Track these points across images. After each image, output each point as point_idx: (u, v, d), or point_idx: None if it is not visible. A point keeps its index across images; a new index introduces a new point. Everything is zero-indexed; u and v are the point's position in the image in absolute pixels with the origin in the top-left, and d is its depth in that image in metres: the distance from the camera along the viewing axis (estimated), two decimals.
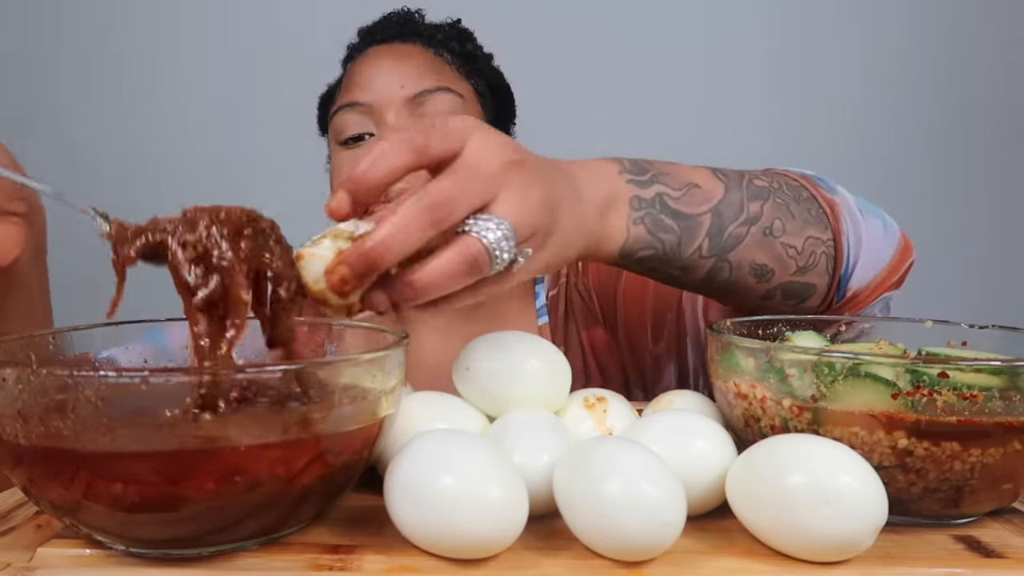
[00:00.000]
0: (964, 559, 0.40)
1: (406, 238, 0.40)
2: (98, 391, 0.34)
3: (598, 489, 0.37)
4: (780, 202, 0.59)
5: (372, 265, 0.40)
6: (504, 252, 0.42)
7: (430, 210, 0.40)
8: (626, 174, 0.54)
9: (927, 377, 0.41)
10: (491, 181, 0.43)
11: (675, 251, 0.55)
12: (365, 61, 0.84)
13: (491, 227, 0.42)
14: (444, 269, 0.41)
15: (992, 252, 1.74)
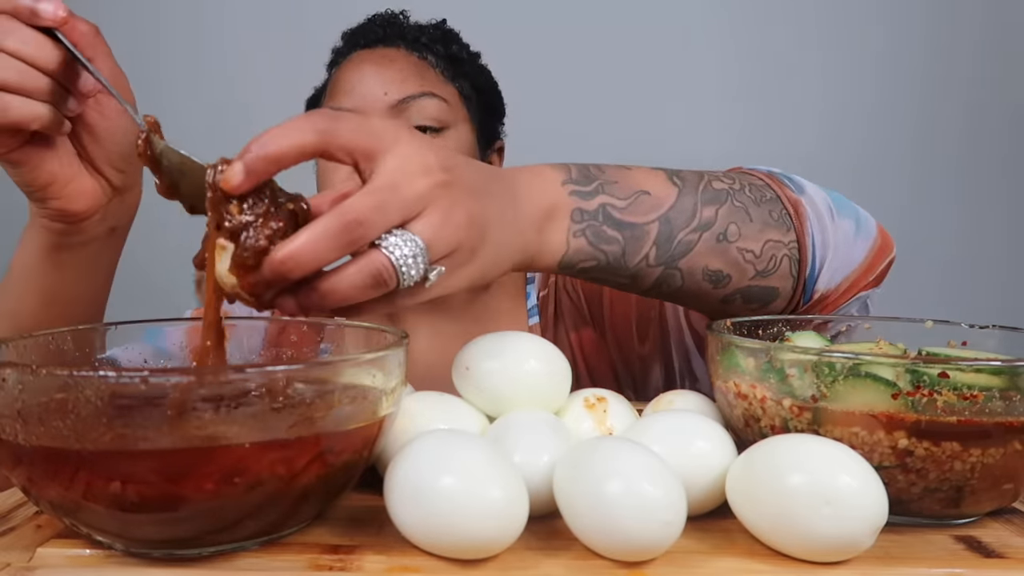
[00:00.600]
0: (964, 559, 0.40)
1: (317, 255, 0.40)
2: (98, 391, 0.34)
3: (598, 489, 0.37)
4: (738, 205, 0.58)
5: (281, 276, 0.40)
6: (412, 269, 0.42)
7: (345, 230, 0.40)
8: (570, 184, 0.53)
9: (927, 377, 0.41)
10: (412, 201, 0.42)
11: (619, 261, 0.55)
12: (349, 66, 0.84)
13: (400, 244, 0.42)
14: (349, 281, 0.41)
15: (996, 252, 1.74)
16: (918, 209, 1.67)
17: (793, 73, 1.70)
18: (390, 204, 0.41)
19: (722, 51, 1.69)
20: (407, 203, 0.42)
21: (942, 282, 1.67)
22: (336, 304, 0.42)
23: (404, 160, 0.43)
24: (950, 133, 1.72)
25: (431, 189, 0.43)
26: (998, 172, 1.74)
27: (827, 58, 1.69)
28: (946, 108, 1.71)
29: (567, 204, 0.53)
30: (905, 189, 1.68)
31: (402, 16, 0.90)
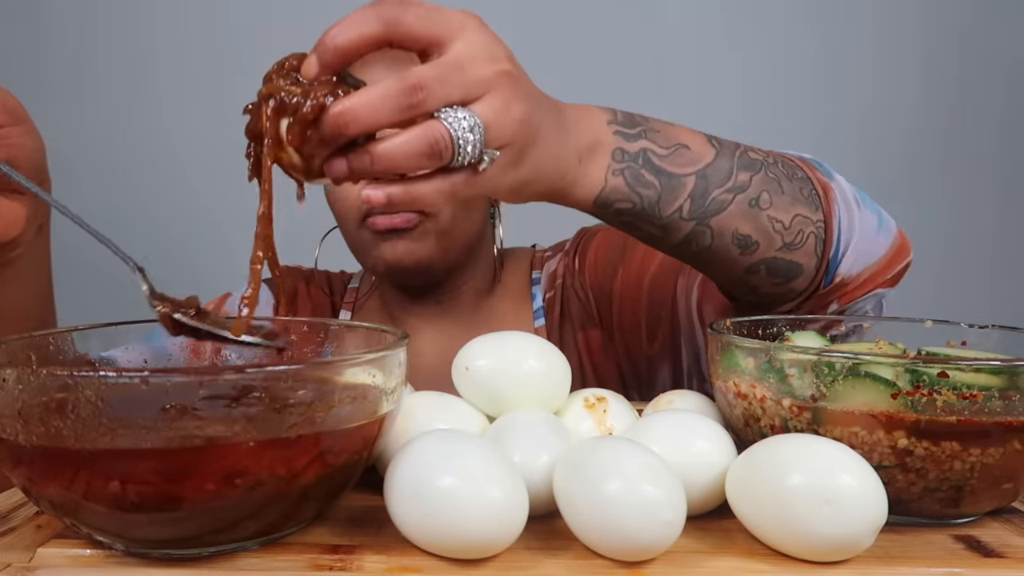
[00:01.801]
0: (964, 559, 0.40)
1: (374, 111, 0.40)
2: (98, 391, 0.34)
3: (598, 489, 0.37)
4: (771, 176, 0.58)
5: (337, 129, 0.40)
6: (469, 145, 0.42)
7: (405, 92, 0.41)
8: (615, 125, 0.54)
9: (927, 377, 0.41)
10: (475, 83, 0.43)
11: (654, 208, 0.55)
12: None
13: (460, 117, 0.42)
14: (405, 145, 0.41)
15: (992, 252, 1.74)
16: (918, 210, 1.67)
17: (791, 72, 1.70)
18: (453, 79, 0.42)
19: (726, 52, 1.69)
20: (470, 83, 0.42)
21: (943, 283, 1.67)
22: (386, 167, 0.42)
23: (471, 44, 0.43)
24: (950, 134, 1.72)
25: (495, 75, 0.43)
26: (998, 172, 1.74)
27: (828, 56, 1.69)
28: (946, 109, 1.71)
29: (610, 142, 0.53)
30: (904, 190, 1.68)
31: None
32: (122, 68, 1.67)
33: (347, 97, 0.40)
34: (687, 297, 0.78)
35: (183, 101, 1.67)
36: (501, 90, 0.43)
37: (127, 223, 1.66)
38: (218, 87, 1.66)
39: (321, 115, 0.40)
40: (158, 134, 1.68)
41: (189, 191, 1.68)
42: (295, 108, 0.41)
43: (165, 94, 1.67)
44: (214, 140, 1.67)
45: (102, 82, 1.68)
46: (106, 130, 1.67)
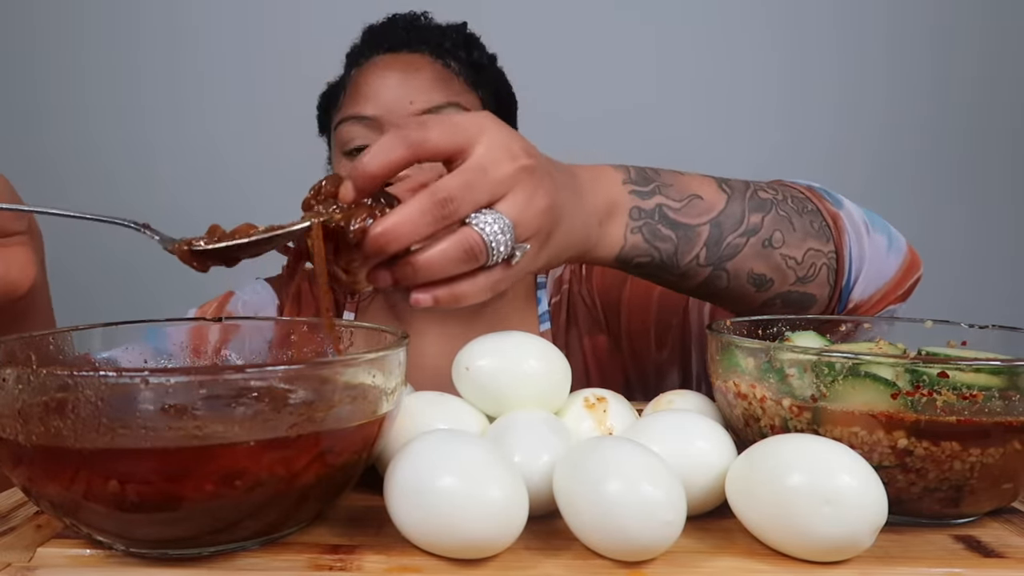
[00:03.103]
0: (964, 559, 0.40)
1: (412, 229, 0.44)
2: (98, 391, 0.34)
3: (598, 489, 0.37)
4: (782, 214, 0.60)
5: (379, 249, 0.44)
6: (501, 245, 0.46)
7: (437, 206, 0.44)
8: (630, 184, 0.56)
9: (927, 377, 0.41)
10: (499, 183, 0.46)
11: (672, 259, 0.57)
12: (372, 71, 0.83)
13: (490, 221, 0.45)
14: (444, 254, 0.45)
15: (993, 252, 1.74)
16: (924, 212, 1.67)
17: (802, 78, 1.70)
18: (478, 184, 0.45)
19: (732, 54, 1.69)
20: (494, 184, 0.46)
21: (944, 283, 1.68)
22: (427, 276, 0.45)
23: (490, 147, 0.46)
24: (957, 136, 1.72)
25: (516, 172, 0.47)
26: (1004, 174, 1.74)
27: (836, 63, 1.69)
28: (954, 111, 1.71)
29: (626, 202, 0.56)
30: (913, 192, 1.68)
31: (424, 18, 0.89)
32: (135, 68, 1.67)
33: (386, 218, 0.44)
34: (699, 306, 0.79)
35: (189, 101, 1.68)
36: (523, 186, 0.47)
37: None
38: (224, 87, 1.67)
39: (363, 238, 0.44)
40: (149, 138, 1.68)
41: (190, 191, 1.69)
42: (340, 233, 0.45)
43: (173, 95, 1.67)
44: (215, 142, 1.68)
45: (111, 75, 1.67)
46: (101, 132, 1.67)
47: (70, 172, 1.66)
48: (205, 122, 1.67)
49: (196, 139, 1.68)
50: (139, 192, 1.67)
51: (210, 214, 1.84)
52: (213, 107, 1.67)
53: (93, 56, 1.66)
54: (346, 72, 0.89)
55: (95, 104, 1.67)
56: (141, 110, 1.67)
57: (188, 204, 1.67)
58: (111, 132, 1.67)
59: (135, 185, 1.67)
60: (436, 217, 0.44)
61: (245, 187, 1.67)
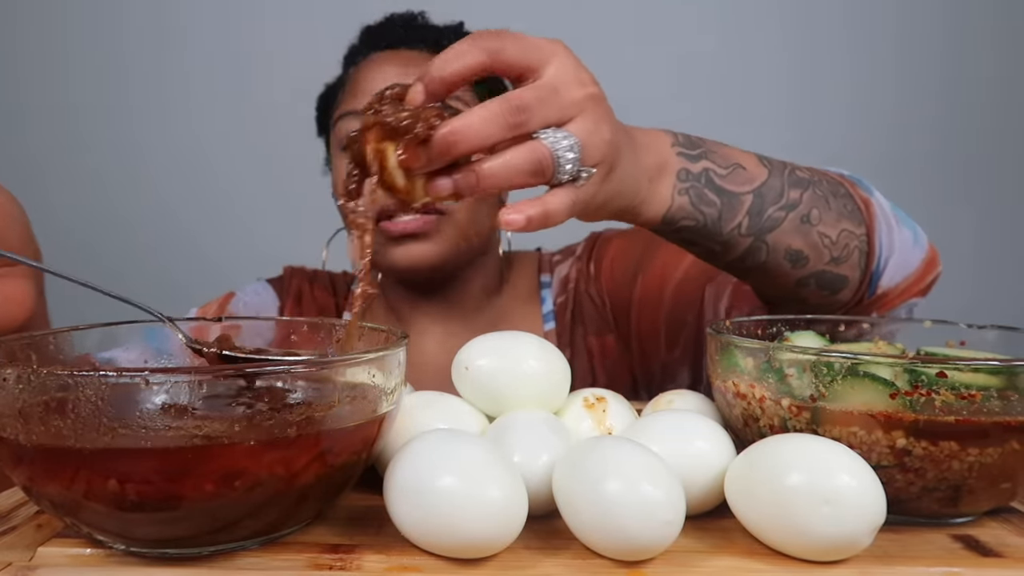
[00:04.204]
0: (962, 558, 0.40)
1: (480, 131, 0.43)
2: (98, 390, 0.34)
3: (598, 489, 0.37)
4: (819, 193, 0.61)
5: (447, 148, 0.43)
6: (568, 164, 0.45)
7: (510, 113, 0.44)
8: (678, 147, 0.57)
9: (925, 377, 0.41)
10: (569, 105, 0.46)
11: (715, 225, 0.58)
12: (370, 67, 0.83)
13: (560, 138, 0.45)
14: (509, 164, 0.44)
15: (993, 251, 1.74)
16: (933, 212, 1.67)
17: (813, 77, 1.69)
18: (551, 101, 0.45)
19: (742, 54, 1.69)
20: (565, 105, 0.46)
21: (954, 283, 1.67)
22: (491, 185, 0.45)
23: (563, 69, 0.46)
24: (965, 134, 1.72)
25: (585, 98, 0.47)
26: (1015, 175, 1.74)
27: (847, 63, 1.69)
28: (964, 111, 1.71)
29: (675, 163, 0.56)
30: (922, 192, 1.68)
31: (421, 17, 0.90)
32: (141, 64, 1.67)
33: (456, 118, 0.43)
34: (715, 304, 0.79)
35: (176, 100, 1.67)
36: (591, 112, 0.47)
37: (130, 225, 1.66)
38: (212, 87, 1.66)
39: (430, 134, 0.43)
40: (136, 138, 1.68)
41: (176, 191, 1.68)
42: (407, 130, 0.43)
43: (183, 94, 1.67)
44: (201, 142, 1.67)
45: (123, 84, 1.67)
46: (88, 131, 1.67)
47: (56, 172, 1.66)
48: (192, 122, 1.67)
49: (183, 139, 1.67)
50: (126, 192, 1.67)
51: (197, 214, 1.82)
52: (200, 107, 1.67)
53: (79, 54, 1.65)
54: (344, 71, 0.90)
55: (81, 103, 1.66)
56: (128, 109, 1.66)
57: (175, 204, 1.67)
58: (98, 131, 1.67)
59: (122, 184, 1.67)
60: (508, 124, 0.44)
61: (231, 188, 1.67)
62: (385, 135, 0.44)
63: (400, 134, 0.43)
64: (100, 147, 1.67)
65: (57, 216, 1.61)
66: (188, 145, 1.68)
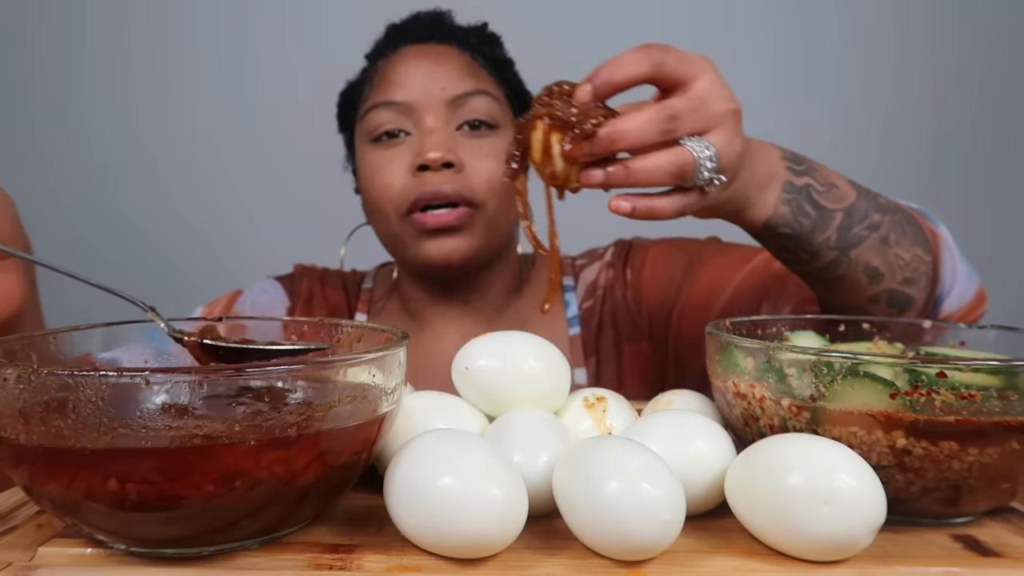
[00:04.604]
0: (962, 558, 0.40)
1: (638, 134, 0.49)
2: (98, 390, 0.34)
3: (598, 489, 0.37)
4: (896, 219, 0.66)
5: (608, 144, 0.49)
6: (705, 171, 0.52)
7: (665, 120, 0.50)
8: (786, 161, 0.62)
9: (925, 377, 0.41)
10: (713, 117, 0.52)
11: (808, 236, 0.63)
12: (401, 60, 0.84)
13: (702, 147, 0.51)
14: (657, 164, 0.51)
15: (991, 251, 1.74)
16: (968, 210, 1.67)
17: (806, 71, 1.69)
18: (699, 112, 0.51)
19: (734, 51, 1.69)
20: (709, 116, 0.52)
21: None
22: (637, 181, 0.51)
23: (712, 84, 0.52)
24: (964, 134, 1.72)
25: (727, 113, 0.53)
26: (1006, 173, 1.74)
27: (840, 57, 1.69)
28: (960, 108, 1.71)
29: (782, 175, 0.62)
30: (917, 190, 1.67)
31: (447, 15, 0.90)
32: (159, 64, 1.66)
33: (618, 120, 0.49)
34: (775, 311, 0.79)
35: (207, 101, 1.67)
36: (729, 125, 0.53)
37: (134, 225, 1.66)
38: (241, 89, 1.66)
39: (595, 132, 0.49)
40: (144, 136, 1.68)
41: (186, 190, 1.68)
42: (575, 125, 0.49)
43: (194, 92, 1.66)
44: (211, 140, 1.67)
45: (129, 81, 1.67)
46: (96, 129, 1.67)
47: (63, 171, 1.66)
48: (201, 119, 1.66)
49: (194, 137, 1.67)
50: (134, 191, 1.67)
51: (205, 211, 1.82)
52: (211, 104, 1.66)
53: (88, 52, 1.65)
54: (371, 65, 0.89)
55: (89, 101, 1.66)
56: (135, 107, 1.66)
57: (183, 201, 1.67)
58: (106, 130, 1.67)
59: (131, 183, 1.67)
60: (661, 130, 0.50)
61: (241, 185, 1.67)
62: (554, 127, 0.50)
63: (568, 127, 0.49)
64: (108, 144, 1.67)
65: (65, 213, 1.62)
66: (199, 143, 1.67)
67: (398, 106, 0.81)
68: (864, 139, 1.68)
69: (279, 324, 0.54)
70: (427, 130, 0.80)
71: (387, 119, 0.81)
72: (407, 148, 0.81)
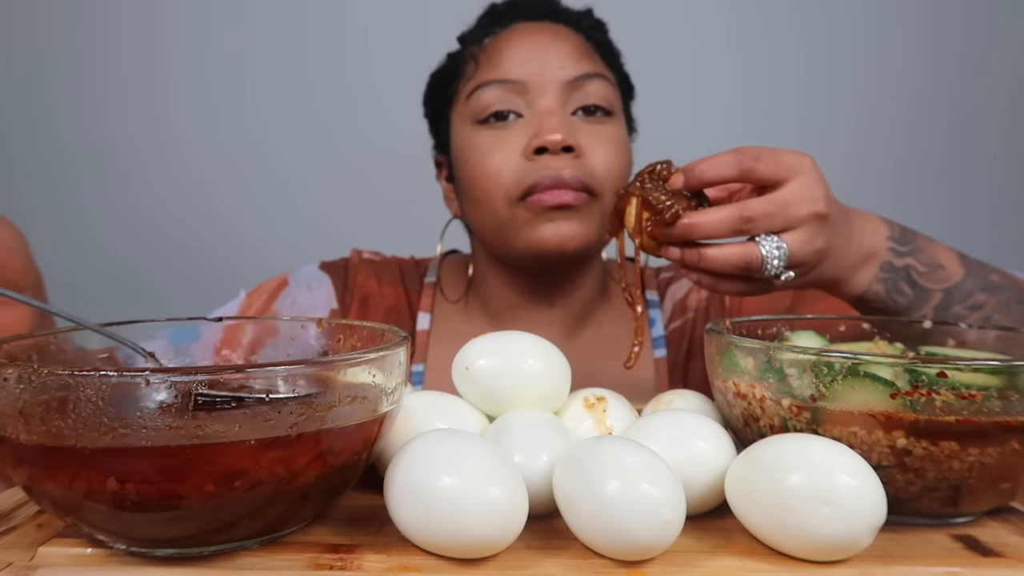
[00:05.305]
0: (962, 558, 0.40)
1: (713, 230, 0.55)
2: (98, 390, 0.34)
3: (598, 489, 0.37)
4: (1005, 299, 0.65)
5: (683, 234, 0.56)
6: (772, 268, 0.56)
7: (740, 221, 0.55)
8: (891, 241, 0.64)
9: (926, 377, 0.41)
10: (793, 219, 0.56)
11: (903, 311, 0.64)
12: (514, 36, 0.79)
13: (773, 247, 0.56)
14: (728, 257, 0.56)
15: (997, 250, 1.74)
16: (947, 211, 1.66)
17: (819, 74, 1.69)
18: (778, 215, 0.56)
19: (732, 50, 1.69)
20: (789, 219, 0.56)
21: None
22: (708, 267, 0.56)
23: (801, 187, 0.56)
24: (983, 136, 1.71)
25: (809, 216, 0.56)
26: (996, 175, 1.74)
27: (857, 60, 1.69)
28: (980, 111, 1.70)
29: (883, 255, 0.63)
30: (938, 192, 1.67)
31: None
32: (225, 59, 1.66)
33: (697, 213, 0.56)
34: None
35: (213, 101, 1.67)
36: (810, 227, 0.56)
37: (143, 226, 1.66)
38: (243, 90, 1.66)
39: (675, 221, 0.55)
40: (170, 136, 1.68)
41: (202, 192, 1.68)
42: (660, 211, 0.56)
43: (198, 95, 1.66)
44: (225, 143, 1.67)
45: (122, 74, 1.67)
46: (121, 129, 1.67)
47: (88, 170, 1.65)
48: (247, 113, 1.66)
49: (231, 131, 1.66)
50: (158, 191, 1.66)
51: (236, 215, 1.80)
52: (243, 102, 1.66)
53: (116, 52, 1.65)
54: (474, 43, 0.83)
55: (115, 101, 1.66)
56: (164, 107, 1.66)
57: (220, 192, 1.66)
58: (131, 129, 1.66)
59: (154, 183, 1.66)
60: (735, 229, 0.55)
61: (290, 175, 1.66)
62: (644, 205, 0.57)
63: (654, 211, 0.56)
64: (132, 145, 1.67)
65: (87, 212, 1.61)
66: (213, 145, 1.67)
67: (512, 85, 0.76)
68: (884, 137, 1.68)
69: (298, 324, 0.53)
70: (544, 111, 0.75)
71: (497, 98, 0.77)
72: (520, 130, 0.76)
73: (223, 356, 0.52)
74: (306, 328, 0.52)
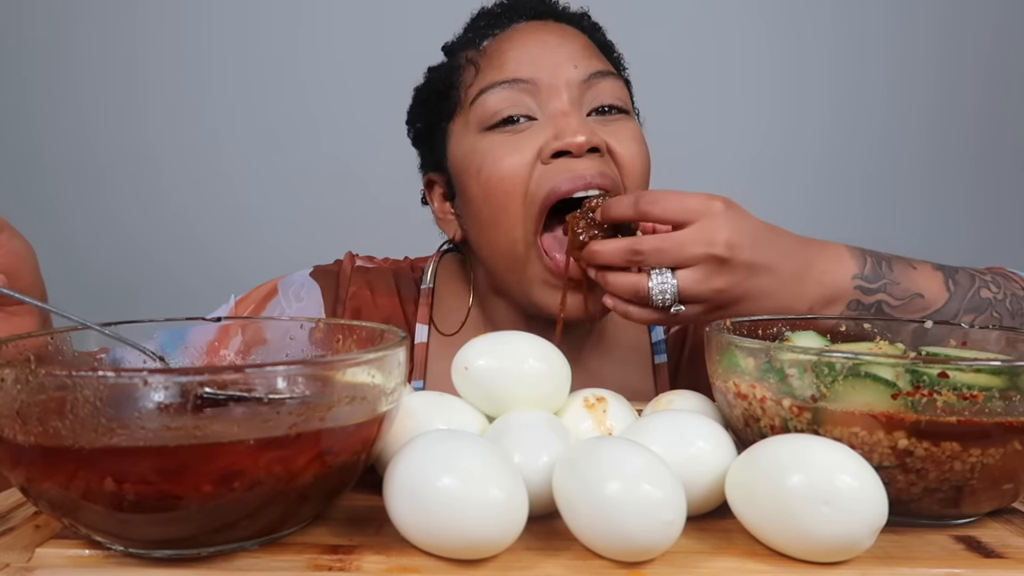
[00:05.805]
0: (964, 559, 0.40)
1: (607, 259, 0.63)
2: (96, 390, 0.34)
3: (598, 489, 0.37)
4: (995, 315, 0.64)
5: (587, 257, 0.65)
6: (658, 301, 0.62)
7: (630, 252, 0.61)
8: (859, 280, 0.63)
9: (927, 377, 0.41)
10: (685, 258, 0.60)
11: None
12: (519, 35, 0.75)
13: (660, 281, 0.61)
14: (620, 284, 0.63)
15: (990, 251, 1.74)
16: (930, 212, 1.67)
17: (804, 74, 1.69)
18: (668, 252, 0.60)
19: (730, 50, 1.69)
20: (681, 258, 0.60)
21: None
22: (607, 290, 0.65)
23: (700, 230, 0.60)
24: (964, 137, 1.72)
25: (704, 256, 0.60)
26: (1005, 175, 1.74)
27: (838, 59, 1.69)
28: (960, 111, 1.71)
29: (849, 295, 0.63)
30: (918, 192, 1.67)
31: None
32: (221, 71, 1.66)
33: (598, 243, 0.65)
34: None
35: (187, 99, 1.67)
36: (705, 267, 0.60)
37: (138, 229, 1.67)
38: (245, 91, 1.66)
39: (582, 247, 0.66)
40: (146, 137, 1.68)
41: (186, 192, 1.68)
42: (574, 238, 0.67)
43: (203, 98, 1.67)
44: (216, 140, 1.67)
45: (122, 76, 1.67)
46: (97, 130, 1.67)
47: (65, 170, 1.66)
48: (203, 120, 1.67)
49: (194, 138, 1.67)
50: (136, 193, 1.67)
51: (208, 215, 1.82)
52: (212, 106, 1.67)
53: (91, 52, 1.65)
54: (472, 48, 0.79)
55: (92, 102, 1.66)
56: (138, 108, 1.67)
57: (183, 206, 1.67)
58: (107, 130, 1.67)
59: (130, 184, 1.67)
60: (626, 260, 0.62)
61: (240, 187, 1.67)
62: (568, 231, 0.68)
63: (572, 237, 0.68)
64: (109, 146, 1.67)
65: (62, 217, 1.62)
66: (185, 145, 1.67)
67: (522, 84, 0.72)
68: (860, 138, 1.69)
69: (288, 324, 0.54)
70: (560, 112, 0.71)
71: (506, 101, 0.72)
72: (533, 134, 0.72)
73: (220, 356, 0.52)
74: (304, 328, 0.52)
